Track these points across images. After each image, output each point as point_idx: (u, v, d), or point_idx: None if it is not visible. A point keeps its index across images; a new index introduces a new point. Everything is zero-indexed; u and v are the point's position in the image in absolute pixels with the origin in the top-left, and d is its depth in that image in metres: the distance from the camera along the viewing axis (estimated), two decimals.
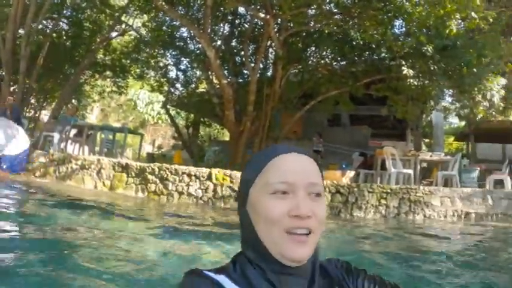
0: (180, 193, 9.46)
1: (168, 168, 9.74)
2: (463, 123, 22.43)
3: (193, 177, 9.42)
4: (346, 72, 14.40)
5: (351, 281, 1.32)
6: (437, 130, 21.99)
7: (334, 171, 11.22)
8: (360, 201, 8.51)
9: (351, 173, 12.27)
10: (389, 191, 8.60)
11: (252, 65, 14.33)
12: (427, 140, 30.12)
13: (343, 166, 13.36)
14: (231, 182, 9.12)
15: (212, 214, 8.24)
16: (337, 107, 17.11)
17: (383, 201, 8.51)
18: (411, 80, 11.60)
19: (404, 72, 11.47)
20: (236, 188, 9.06)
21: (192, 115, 21.74)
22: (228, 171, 9.38)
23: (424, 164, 15.64)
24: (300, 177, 1.16)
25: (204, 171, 9.44)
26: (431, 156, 13.50)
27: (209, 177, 9.29)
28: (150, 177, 9.82)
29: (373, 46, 12.77)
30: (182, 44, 18.16)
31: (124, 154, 18.54)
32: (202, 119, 21.64)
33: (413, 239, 6.55)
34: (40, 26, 17.77)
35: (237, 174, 9.22)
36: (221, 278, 1.11)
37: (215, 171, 9.38)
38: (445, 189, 9.35)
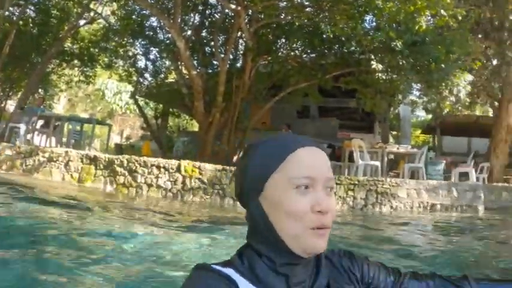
0: (149, 185, 9.40)
1: (137, 160, 9.66)
2: (430, 116, 22.78)
3: (162, 169, 9.37)
4: (316, 65, 14.51)
5: (356, 269, 1.36)
6: (404, 123, 22.34)
7: None
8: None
9: None
10: (356, 182, 8.73)
11: (222, 55, 14.25)
12: (394, 133, 30.51)
13: None
14: (200, 174, 9.11)
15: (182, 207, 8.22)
16: (306, 98, 17.22)
17: (350, 193, 8.63)
18: (380, 74, 11.75)
19: (373, 66, 11.62)
20: (205, 180, 9.07)
21: (161, 105, 21.56)
22: (197, 163, 9.36)
23: (391, 156, 15.86)
24: (320, 172, 1.17)
25: (173, 163, 9.40)
26: (398, 148, 13.73)
27: (178, 169, 9.25)
28: (118, 169, 9.72)
29: (343, 40, 12.84)
30: (152, 33, 17.97)
31: (92, 145, 18.33)
32: (171, 110, 21.47)
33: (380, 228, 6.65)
34: (6, 13, 17.37)
35: (206, 166, 9.21)
36: (229, 272, 1.11)
37: (184, 163, 9.35)
38: (412, 182, 9.54)
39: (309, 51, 14.64)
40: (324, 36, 13.29)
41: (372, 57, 11.89)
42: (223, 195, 8.88)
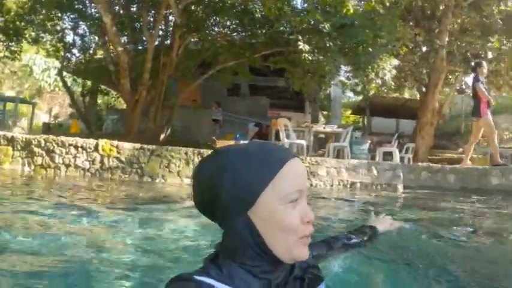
0: (67, 165, 9.07)
1: (54, 140, 9.28)
2: (360, 97, 23.25)
3: (80, 149, 9.06)
4: (246, 44, 14.44)
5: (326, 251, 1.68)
6: (335, 103, 22.72)
7: (227, 141, 11.28)
8: None
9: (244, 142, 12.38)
10: None
11: (151, 32, 13.91)
12: (326, 113, 30.98)
13: (237, 136, 13.51)
14: (118, 152, 8.87)
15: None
16: (237, 77, 17.22)
17: None
18: (306, 55, 11.78)
19: (300, 47, 11.64)
20: (123, 159, 8.87)
21: (89, 83, 20.95)
22: (115, 142, 9.11)
23: (322, 135, 16.09)
24: (306, 184, 1.22)
25: (91, 142, 9.11)
26: (324, 127, 13.95)
27: (96, 149, 8.98)
28: (36, 150, 9.30)
29: (273, 20, 12.80)
30: (81, 7, 17.28)
31: (17, 124, 17.68)
32: (99, 87, 20.92)
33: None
34: None
35: (124, 145, 8.98)
36: (210, 281, 1.11)
37: (102, 142, 9.08)
38: (332, 161, 9.69)
39: (239, 30, 14.48)
40: (254, 15, 13.21)
41: (300, 38, 11.87)
42: (141, 174, 8.71)
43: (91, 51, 18.74)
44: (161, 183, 8.52)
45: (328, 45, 11.86)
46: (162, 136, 13.98)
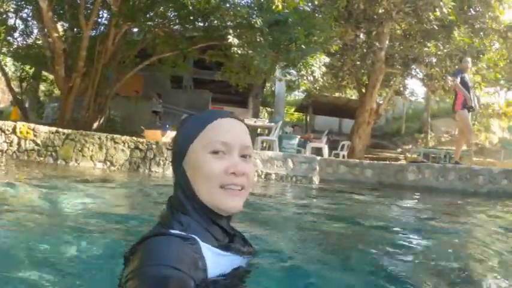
0: None
1: None
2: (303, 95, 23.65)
3: None
4: (183, 36, 14.55)
5: None
6: (278, 100, 22.97)
7: (154, 131, 11.36)
8: (159, 157, 8.77)
9: (171, 133, 12.49)
10: None
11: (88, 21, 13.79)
12: (270, 109, 31.30)
13: (167, 126, 13.58)
14: (35, 135, 8.88)
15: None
16: (181, 69, 17.30)
17: None
18: (235, 49, 11.97)
19: (230, 40, 11.82)
20: (39, 142, 8.88)
21: (28, 68, 20.64)
22: (32, 125, 9.11)
23: (259, 130, 16.33)
24: (236, 140, 1.34)
25: (9, 124, 9.06)
26: (255, 122, 14.16)
27: (14, 131, 8.97)
28: None
29: (208, 13, 12.95)
30: None
31: None
32: (40, 73, 20.64)
33: None
34: None
35: (41, 128, 8.99)
36: (181, 234, 1.23)
37: (20, 124, 9.05)
38: None
39: (177, 21, 14.54)
40: (190, 8, 13.31)
41: (231, 32, 12.05)
42: (56, 157, 8.75)
43: (33, 36, 18.46)
44: (74, 166, 8.57)
45: (258, 40, 12.07)
46: (96, 125, 13.91)
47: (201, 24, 14.04)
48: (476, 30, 17.76)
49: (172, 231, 1.23)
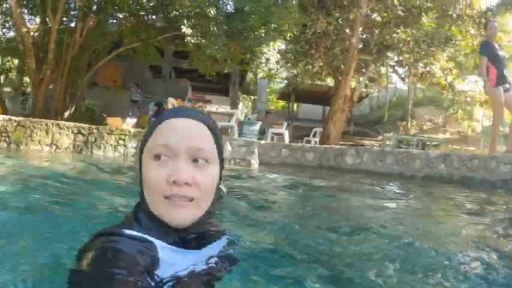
0: None
1: None
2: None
3: None
4: (149, 26, 15.03)
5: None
6: (261, 88, 23.42)
7: (116, 118, 11.90)
8: (99, 141, 9.32)
9: (132, 121, 13.00)
10: (127, 133, 9.47)
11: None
12: (253, 97, 31.60)
13: (129, 114, 14.12)
14: None
15: None
16: (161, 59, 17.79)
17: (121, 142, 9.39)
18: (189, 38, 12.40)
19: (183, 30, 12.25)
20: None
21: (7, 61, 21.13)
22: None
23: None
24: (181, 141, 1.19)
25: None
26: (217, 108, 14.52)
27: None
28: None
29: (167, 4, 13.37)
30: None
31: None
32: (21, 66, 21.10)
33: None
34: None
35: None
36: (133, 233, 1.15)
37: None
38: None
39: (142, 13, 14.95)
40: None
41: (185, 22, 12.46)
42: (9, 142, 9.33)
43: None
44: (25, 149, 9.16)
45: (212, 29, 12.50)
46: (67, 114, 14.40)
47: (160, 14, 14.42)
48: (445, 16, 17.98)
49: (126, 231, 1.14)
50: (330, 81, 24.04)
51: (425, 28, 17.66)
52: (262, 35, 13.31)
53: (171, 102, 12.54)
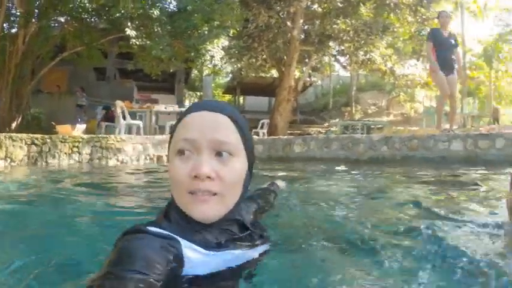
0: None
1: None
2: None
3: None
4: (92, 29, 15.02)
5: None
6: (206, 84, 23.64)
7: (65, 125, 11.92)
8: (53, 150, 9.35)
9: (82, 126, 13.04)
10: (80, 140, 9.55)
11: None
12: (199, 93, 31.79)
13: (79, 119, 14.11)
14: None
15: None
16: (105, 61, 17.70)
17: (75, 149, 9.45)
18: (134, 40, 12.51)
19: (128, 32, 12.36)
20: None
21: None
22: None
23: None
24: (203, 134, 1.18)
25: None
26: (165, 108, 14.64)
27: None
28: None
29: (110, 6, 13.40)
30: None
31: None
32: None
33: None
34: None
35: None
36: (163, 232, 1.13)
37: None
38: (138, 137, 10.53)
39: (85, 16, 14.90)
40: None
41: (129, 24, 12.56)
42: None
43: None
44: None
45: (156, 30, 12.65)
46: (14, 125, 14.20)
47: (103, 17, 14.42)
48: (383, 5, 18.65)
49: (153, 229, 1.12)
50: (274, 73, 24.39)
51: (364, 18, 18.31)
52: (206, 32, 13.50)
53: (119, 105, 12.59)
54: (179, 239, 1.12)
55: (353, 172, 6.79)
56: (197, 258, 1.14)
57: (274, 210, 2.11)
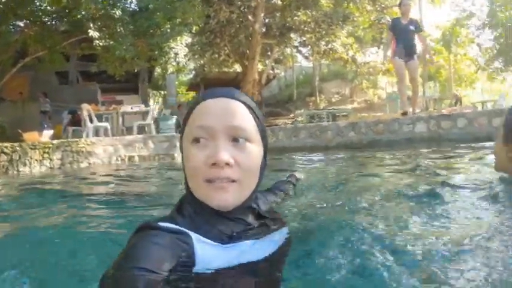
0: None
1: None
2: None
3: None
4: (55, 31, 14.86)
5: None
6: (170, 82, 23.59)
7: (32, 133, 11.77)
8: (24, 158, 9.25)
9: (49, 132, 12.91)
10: (51, 145, 9.47)
11: None
12: (163, 92, 31.70)
13: (45, 126, 13.94)
14: None
15: None
16: (67, 64, 17.47)
17: (46, 155, 9.36)
18: (97, 41, 12.47)
19: (91, 34, 12.32)
20: None
21: None
22: None
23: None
24: (219, 121, 1.15)
25: None
26: (132, 108, 14.58)
27: None
28: None
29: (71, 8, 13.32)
30: None
31: None
32: None
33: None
34: None
35: None
36: (177, 227, 1.11)
37: None
38: (108, 139, 10.45)
39: (45, 20, 14.73)
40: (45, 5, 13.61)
41: (91, 25, 12.51)
42: None
43: None
44: None
45: (119, 30, 12.63)
46: None
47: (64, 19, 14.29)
48: None
49: (165, 224, 1.11)
50: (237, 68, 24.53)
51: (324, 8, 18.59)
52: (168, 30, 13.55)
53: (86, 109, 12.51)
54: (191, 233, 1.11)
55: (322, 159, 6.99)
56: (210, 252, 1.12)
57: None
